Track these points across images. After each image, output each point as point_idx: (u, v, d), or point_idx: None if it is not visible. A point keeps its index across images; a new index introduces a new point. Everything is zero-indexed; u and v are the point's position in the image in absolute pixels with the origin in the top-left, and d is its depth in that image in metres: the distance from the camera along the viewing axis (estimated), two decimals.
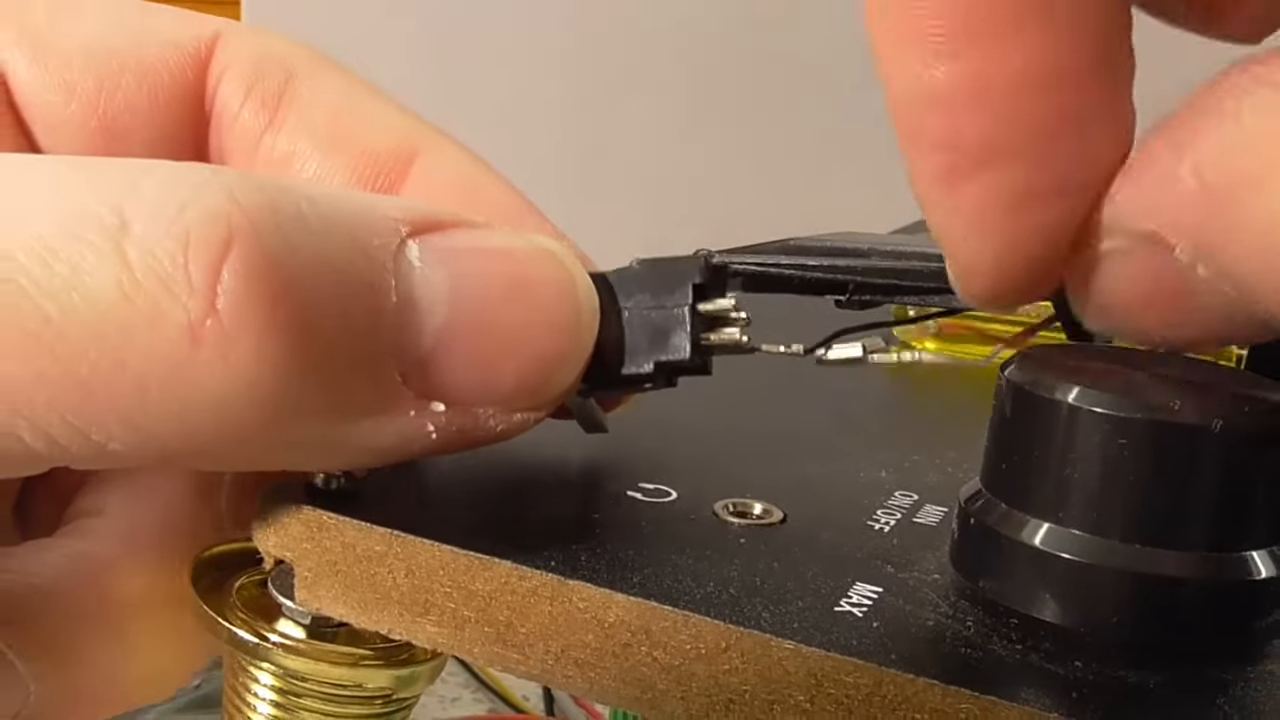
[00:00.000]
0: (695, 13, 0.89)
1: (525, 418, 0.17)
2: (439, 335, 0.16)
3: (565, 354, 0.17)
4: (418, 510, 0.18)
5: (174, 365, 0.14)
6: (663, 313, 0.18)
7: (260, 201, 0.15)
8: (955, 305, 0.18)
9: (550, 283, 0.17)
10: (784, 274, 0.18)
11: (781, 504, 0.19)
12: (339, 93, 0.22)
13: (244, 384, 0.15)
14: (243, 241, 0.14)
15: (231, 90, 0.22)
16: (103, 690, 0.19)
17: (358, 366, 0.16)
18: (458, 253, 0.16)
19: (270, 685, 0.19)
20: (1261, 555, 0.15)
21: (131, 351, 0.14)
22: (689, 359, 0.18)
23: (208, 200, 0.15)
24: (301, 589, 0.18)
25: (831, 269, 0.18)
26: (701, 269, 0.18)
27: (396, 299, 0.16)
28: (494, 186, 0.21)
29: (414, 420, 0.16)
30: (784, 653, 0.15)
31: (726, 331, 0.18)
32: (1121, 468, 0.15)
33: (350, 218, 0.16)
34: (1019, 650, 0.15)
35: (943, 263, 0.16)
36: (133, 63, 0.21)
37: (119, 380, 0.14)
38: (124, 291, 0.14)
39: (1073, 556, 0.15)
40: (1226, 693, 0.15)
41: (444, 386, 0.16)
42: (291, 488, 0.18)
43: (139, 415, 0.14)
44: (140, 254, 0.14)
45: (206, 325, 0.14)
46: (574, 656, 0.16)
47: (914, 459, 0.21)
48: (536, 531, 0.17)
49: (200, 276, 0.14)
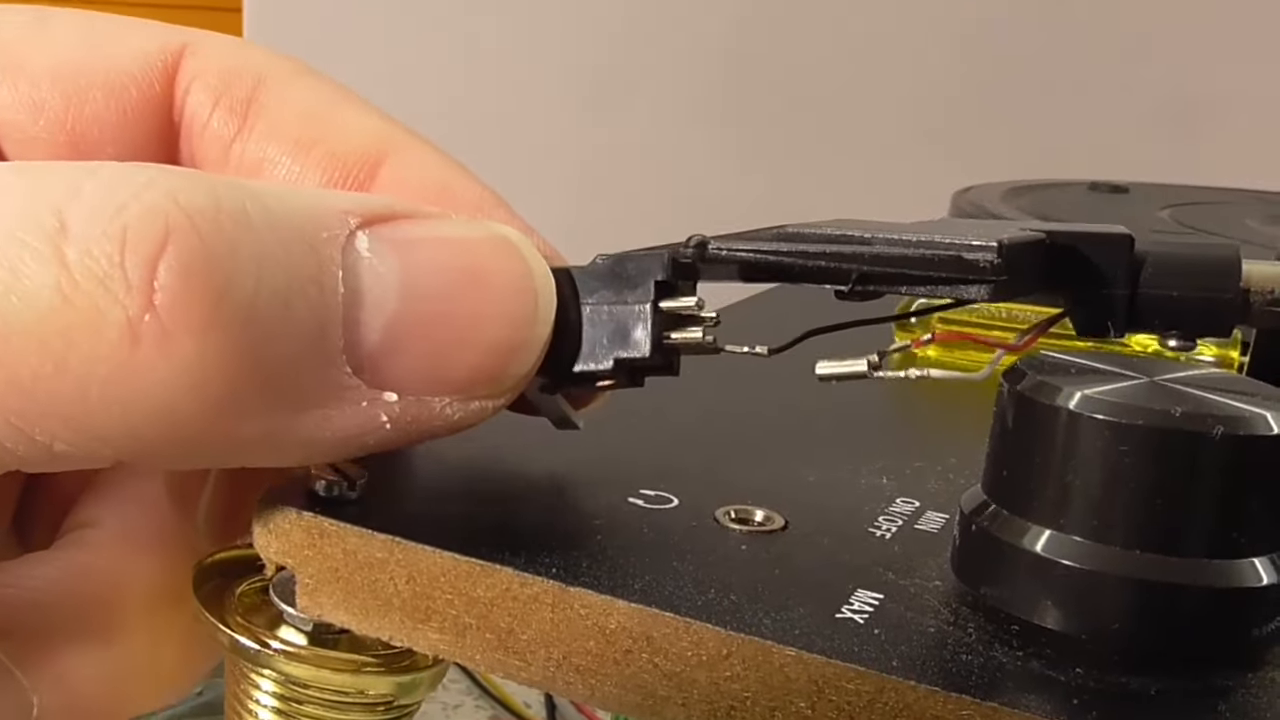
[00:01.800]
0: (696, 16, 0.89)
1: (483, 406, 0.17)
2: (389, 326, 0.16)
3: (520, 344, 0.17)
4: (419, 517, 0.18)
5: (115, 365, 0.14)
6: (624, 309, 0.18)
7: (201, 200, 0.15)
8: (964, 296, 0.17)
9: (505, 272, 0.17)
10: (782, 262, 0.18)
11: (783, 510, 0.19)
12: (310, 97, 0.22)
13: (186, 381, 0.15)
14: (179, 237, 0.14)
15: (200, 100, 0.22)
16: (105, 699, 0.19)
17: (304, 360, 0.16)
18: (409, 243, 0.16)
19: (272, 692, 0.19)
20: (1262, 562, 0.15)
21: (72, 353, 0.14)
22: (649, 357, 0.18)
23: (147, 199, 0.15)
24: (303, 596, 0.18)
25: (835, 256, 0.18)
26: (665, 266, 0.18)
27: (344, 291, 0.16)
28: (466, 185, 0.21)
29: (366, 411, 0.16)
30: (785, 659, 0.15)
31: (690, 330, 0.18)
32: (1123, 474, 0.15)
33: (297, 212, 0.16)
34: (1020, 657, 0.15)
35: (953, 250, 0.16)
36: (100, 78, 0.21)
37: (61, 382, 0.14)
38: (63, 293, 0.14)
39: (1074, 563, 0.15)
40: (1228, 699, 0.15)
41: (396, 377, 0.16)
42: (293, 494, 0.18)
43: (83, 417, 0.15)
44: (78, 254, 0.14)
45: (145, 322, 0.14)
46: (575, 663, 0.16)
47: (915, 465, 0.21)
48: (538, 538, 0.17)
49: (137, 274, 0.14)
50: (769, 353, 0.19)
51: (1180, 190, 0.54)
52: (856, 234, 0.18)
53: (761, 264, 0.18)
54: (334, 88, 0.22)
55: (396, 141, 0.21)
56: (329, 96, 0.22)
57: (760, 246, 0.18)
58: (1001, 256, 0.17)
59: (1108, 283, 0.18)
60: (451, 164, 0.21)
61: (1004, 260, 0.17)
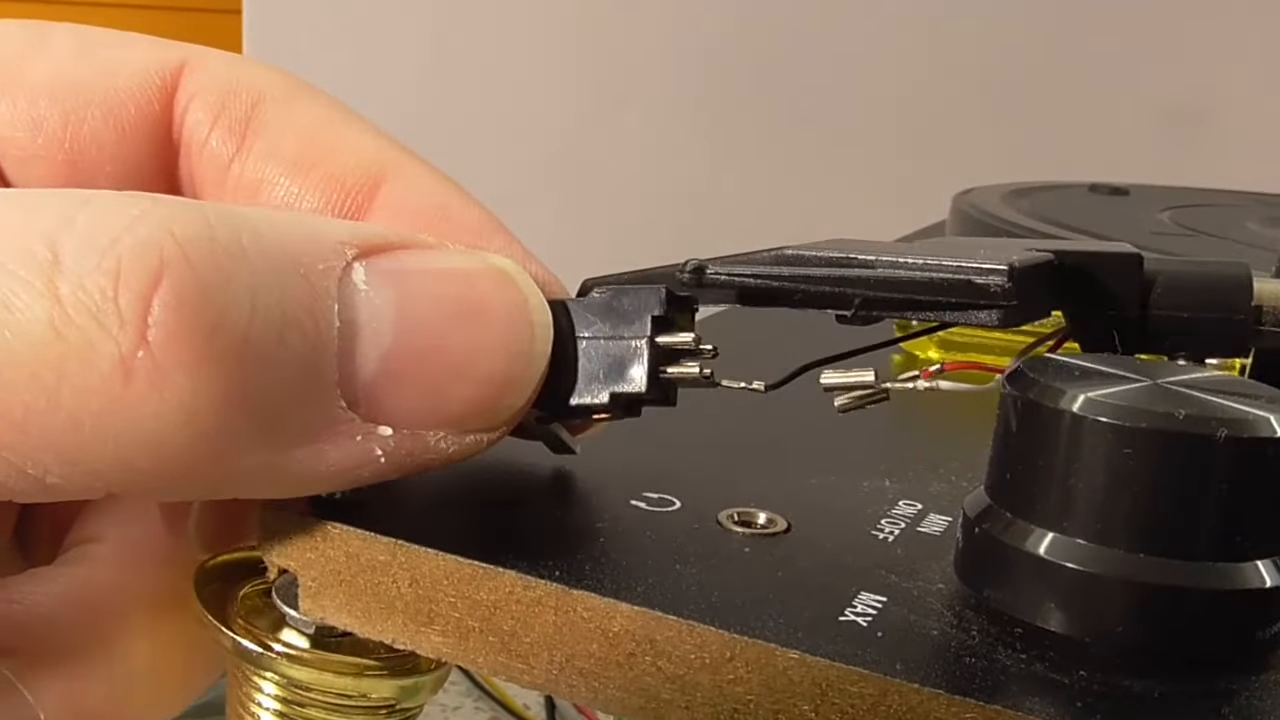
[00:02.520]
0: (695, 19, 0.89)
1: (478, 439, 0.17)
2: (384, 360, 0.16)
3: (516, 377, 0.17)
4: (422, 520, 0.18)
5: (108, 400, 0.14)
6: (620, 344, 0.18)
7: (197, 231, 0.15)
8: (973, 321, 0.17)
9: (502, 305, 0.17)
10: (784, 287, 0.18)
11: (786, 513, 0.19)
12: (309, 117, 0.22)
13: (179, 416, 0.14)
14: (173, 272, 0.14)
15: (199, 119, 0.22)
16: (110, 713, 0.19)
17: (298, 394, 0.15)
18: (406, 275, 0.16)
19: (274, 695, 0.19)
20: (1266, 564, 0.15)
21: (65, 387, 0.14)
22: (645, 392, 0.18)
23: (141, 232, 0.14)
24: (306, 599, 0.18)
25: (838, 281, 0.17)
26: (661, 301, 0.18)
27: (340, 324, 0.16)
28: (463, 207, 0.21)
29: (360, 445, 0.16)
30: (789, 662, 0.15)
31: (686, 366, 0.18)
32: (1126, 477, 0.15)
33: (294, 244, 0.16)
34: (1024, 660, 0.15)
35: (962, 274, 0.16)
36: (99, 95, 0.21)
37: (54, 416, 0.14)
38: (55, 327, 0.14)
39: (1077, 566, 0.15)
40: (1231, 702, 0.15)
41: (391, 411, 0.16)
42: (295, 498, 0.18)
43: (75, 451, 0.14)
44: (71, 288, 0.14)
45: (138, 358, 0.14)
46: (578, 666, 0.16)
47: (918, 468, 0.21)
48: (541, 541, 0.17)
49: (130, 309, 0.14)
50: (765, 389, 0.18)
51: (1180, 192, 0.54)
52: (859, 257, 0.17)
53: (762, 289, 0.18)
54: (333, 106, 0.22)
55: (395, 162, 0.21)
56: (328, 116, 0.22)
57: (759, 271, 0.18)
58: (1012, 280, 0.16)
59: (1117, 304, 0.18)
60: (450, 185, 0.21)
61: (1014, 284, 0.16)
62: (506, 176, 0.87)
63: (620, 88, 0.90)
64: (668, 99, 0.90)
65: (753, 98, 0.89)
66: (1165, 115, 0.82)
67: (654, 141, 0.90)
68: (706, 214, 0.87)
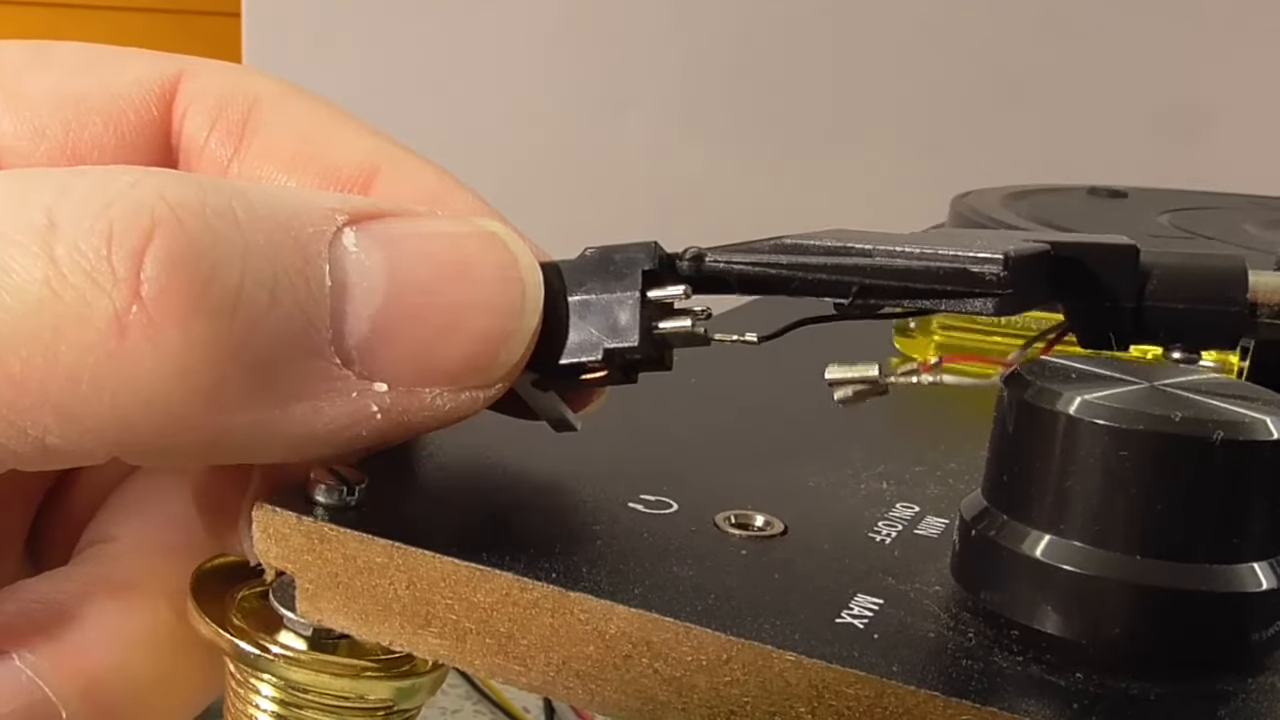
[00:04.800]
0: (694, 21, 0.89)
1: (474, 396, 0.17)
2: (376, 318, 0.16)
3: (509, 334, 0.17)
4: (419, 522, 0.18)
5: (104, 356, 0.15)
6: (612, 299, 0.18)
7: (189, 195, 0.15)
8: (969, 309, 0.17)
9: (491, 263, 0.17)
10: (781, 275, 0.18)
11: (783, 515, 0.19)
12: (304, 118, 0.22)
13: (174, 370, 0.15)
14: (165, 229, 0.15)
15: (197, 124, 0.22)
16: (131, 709, 0.19)
17: (292, 351, 0.16)
18: (396, 237, 0.17)
19: (272, 696, 0.19)
20: (1263, 567, 0.15)
21: (61, 345, 0.15)
22: (638, 346, 0.18)
23: (134, 195, 0.15)
24: (303, 601, 0.18)
25: (836, 269, 0.17)
26: (652, 255, 0.18)
27: (331, 284, 0.16)
28: (458, 195, 0.22)
29: (356, 402, 0.16)
30: (785, 664, 0.15)
31: (678, 320, 0.18)
32: (1122, 479, 0.15)
33: (284, 209, 0.16)
34: (1020, 662, 0.15)
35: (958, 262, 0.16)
36: (100, 104, 0.22)
37: (52, 374, 0.15)
38: (52, 287, 0.15)
39: (1074, 568, 0.15)
40: (1228, 704, 0.15)
41: (385, 368, 0.17)
42: (293, 499, 0.18)
43: (74, 408, 0.15)
44: (66, 249, 0.15)
45: (132, 313, 0.15)
46: (575, 668, 0.16)
47: (915, 470, 0.21)
48: (538, 543, 0.17)
49: (123, 266, 0.15)
50: (759, 340, 0.18)
51: (1179, 195, 0.54)
52: (857, 246, 0.17)
53: (760, 277, 0.18)
54: (327, 108, 0.23)
55: (389, 156, 0.22)
56: (323, 116, 0.23)
57: (758, 259, 0.18)
58: (1008, 269, 0.17)
59: (1113, 295, 0.18)
60: (444, 176, 0.22)
61: (1010, 273, 0.17)
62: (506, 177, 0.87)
63: (619, 88, 0.91)
64: (667, 101, 0.90)
65: (752, 100, 0.89)
66: (1164, 118, 0.82)
67: (652, 143, 0.90)
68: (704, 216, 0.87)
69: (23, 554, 0.23)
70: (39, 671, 0.18)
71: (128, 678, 0.19)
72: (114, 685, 0.19)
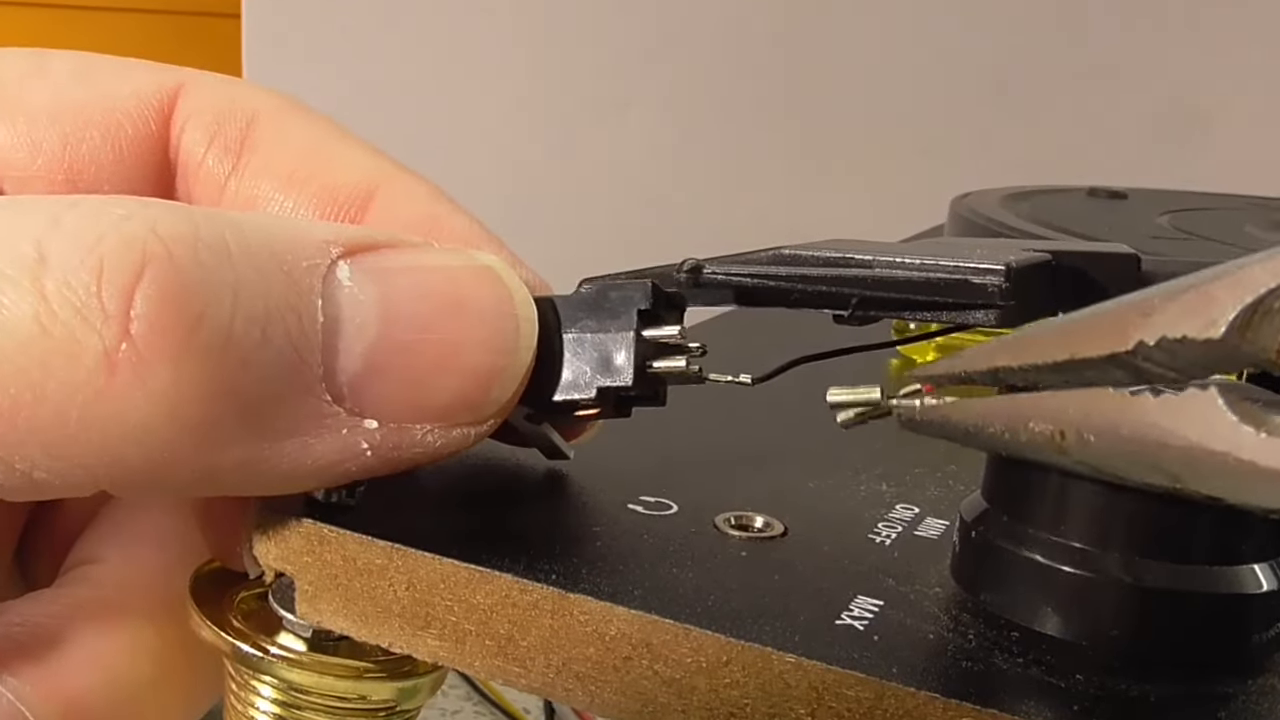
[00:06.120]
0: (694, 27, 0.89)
1: (465, 433, 0.17)
2: (368, 354, 0.16)
3: (502, 370, 0.17)
4: (419, 523, 0.18)
5: (93, 393, 0.14)
6: (607, 337, 0.18)
7: (181, 230, 0.15)
8: (970, 321, 0.17)
9: (486, 299, 0.17)
10: (780, 287, 0.18)
11: (783, 517, 0.19)
12: (302, 135, 0.22)
13: (163, 408, 0.15)
14: (155, 266, 0.15)
15: (195, 138, 0.22)
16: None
17: (283, 387, 0.16)
18: (390, 271, 0.17)
19: (272, 698, 0.19)
20: (1262, 568, 0.15)
21: (50, 381, 0.14)
22: (632, 385, 0.18)
23: (125, 229, 0.15)
24: (302, 602, 0.18)
25: (835, 281, 0.17)
26: (647, 295, 0.18)
27: (323, 319, 0.16)
28: (455, 219, 0.21)
29: (346, 439, 0.16)
30: (785, 666, 0.15)
31: (673, 359, 0.18)
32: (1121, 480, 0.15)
33: (277, 242, 0.16)
34: (1020, 663, 0.15)
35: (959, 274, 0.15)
36: (97, 117, 0.22)
37: (40, 411, 0.14)
38: (41, 324, 0.14)
39: (1074, 569, 0.15)
40: (1228, 706, 0.15)
41: (376, 404, 0.16)
42: (292, 501, 0.18)
43: (61, 445, 0.15)
44: (56, 285, 0.14)
45: (121, 351, 0.14)
46: (575, 670, 0.16)
47: (915, 472, 0.21)
48: (537, 545, 0.17)
49: (113, 303, 0.14)
50: (753, 382, 0.18)
51: (1179, 196, 0.54)
52: (856, 256, 0.17)
53: (759, 289, 0.18)
54: (326, 125, 0.23)
55: (387, 175, 0.22)
56: (321, 133, 0.22)
57: (756, 271, 0.18)
58: (1009, 280, 0.16)
59: None
60: (441, 197, 0.22)
61: (1011, 284, 0.16)
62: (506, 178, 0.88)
63: (618, 91, 0.91)
64: (666, 103, 0.90)
65: (751, 101, 0.89)
66: (1164, 118, 0.82)
67: (652, 144, 0.90)
68: (703, 217, 0.87)
69: (11, 571, 0.23)
70: (20, 695, 0.18)
71: (110, 701, 0.19)
72: (96, 709, 0.19)
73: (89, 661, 0.19)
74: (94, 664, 0.19)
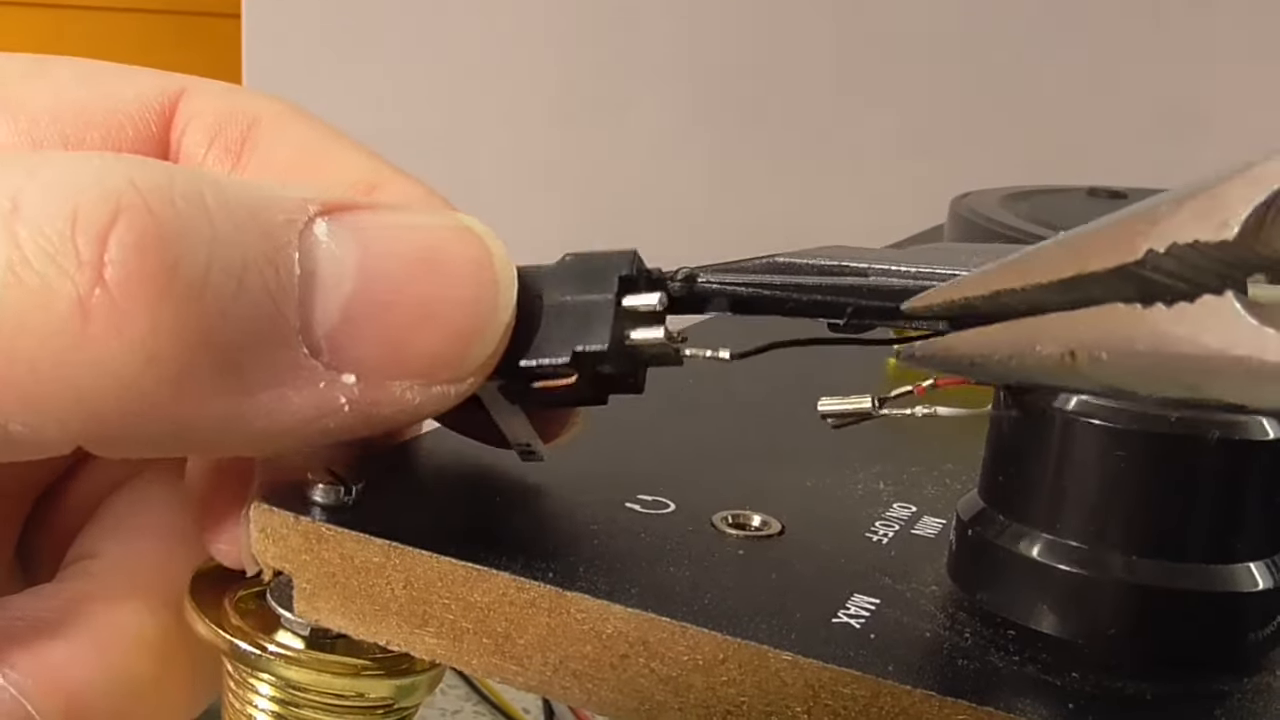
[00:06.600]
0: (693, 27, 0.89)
1: (444, 391, 0.17)
2: (345, 308, 0.16)
3: (480, 329, 0.17)
4: (416, 522, 0.18)
5: (67, 340, 0.14)
6: (586, 301, 0.18)
7: (157, 181, 0.15)
8: None
9: (465, 258, 0.17)
10: (776, 296, 0.17)
11: (780, 516, 0.19)
12: (301, 138, 0.22)
13: (139, 356, 0.15)
14: (130, 213, 0.15)
15: (195, 141, 0.22)
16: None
17: (259, 339, 0.16)
18: (368, 229, 0.17)
19: (270, 696, 0.19)
20: (1259, 566, 0.15)
21: (24, 329, 0.14)
22: (607, 351, 0.17)
23: (101, 180, 0.15)
24: (300, 600, 0.18)
25: (831, 289, 0.17)
26: (630, 262, 0.18)
27: (300, 273, 0.16)
28: None
29: (324, 392, 0.16)
30: (781, 664, 0.15)
31: (651, 330, 0.17)
32: (1119, 479, 0.15)
33: (255, 199, 0.16)
34: (1016, 662, 0.15)
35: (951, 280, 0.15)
36: (99, 118, 0.22)
37: (15, 359, 0.14)
38: (14, 271, 0.14)
39: (1070, 568, 0.15)
40: (1224, 704, 0.15)
41: (354, 359, 0.16)
42: (290, 499, 0.18)
43: (37, 394, 0.15)
44: (30, 232, 0.14)
45: (95, 297, 0.14)
46: (572, 668, 0.16)
47: (912, 471, 0.21)
48: (535, 543, 0.17)
49: (88, 249, 0.14)
50: (731, 357, 0.18)
51: None
52: (851, 265, 0.17)
53: (754, 298, 0.18)
54: (325, 129, 0.23)
55: (383, 177, 0.22)
56: (320, 137, 0.23)
57: (751, 280, 0.18)
58: None
59: None
60: (436, 198, 0.22)
61: None
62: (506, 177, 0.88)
63: (618, 92, 0.91)
64: (665, 104, 0.90)
65: (750, 101, 0.89)
66: (1164, 118, 0.82)
67: (651, 145, 0.90)
68: (702, 217, 0.87)
69: (12, 565, 0.23)
70: (21, 689, 0.18)
71: (110, 694, 0.19)
72: (96, 702, 0.19)
73: (90, 655, 0.19)
74: (95, 658, 0.19)
